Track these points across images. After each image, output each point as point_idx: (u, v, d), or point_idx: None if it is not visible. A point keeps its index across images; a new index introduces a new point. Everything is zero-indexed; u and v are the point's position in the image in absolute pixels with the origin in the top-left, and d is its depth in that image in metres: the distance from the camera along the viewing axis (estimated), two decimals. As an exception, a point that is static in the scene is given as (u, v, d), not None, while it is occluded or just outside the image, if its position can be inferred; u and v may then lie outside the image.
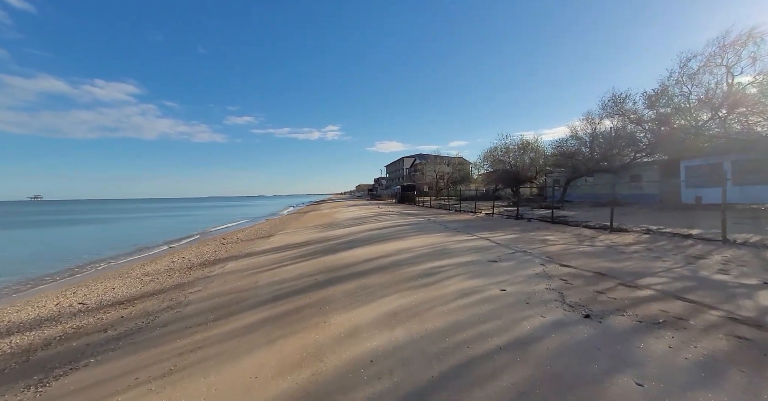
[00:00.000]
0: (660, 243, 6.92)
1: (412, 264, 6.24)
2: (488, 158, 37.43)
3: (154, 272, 8.12)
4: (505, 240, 8.52)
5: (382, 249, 8.05)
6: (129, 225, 28.16)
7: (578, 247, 7.12)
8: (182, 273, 7.73)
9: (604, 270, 4.91)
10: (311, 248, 9.22)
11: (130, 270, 8.69)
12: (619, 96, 19.98)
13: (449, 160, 52.50)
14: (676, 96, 18.21)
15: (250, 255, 9.19)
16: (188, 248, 12.59)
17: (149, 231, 22.61)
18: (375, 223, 15.14)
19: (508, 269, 5.36)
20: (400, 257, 6.98)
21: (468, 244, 8.08)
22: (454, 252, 7.18)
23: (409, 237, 10.03)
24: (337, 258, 7.52)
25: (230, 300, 4.98)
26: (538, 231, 9.91)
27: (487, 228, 11.24)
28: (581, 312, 3.22)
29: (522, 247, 7.34)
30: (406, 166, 77.84)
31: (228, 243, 12.88)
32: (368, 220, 17.12)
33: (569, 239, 8.26)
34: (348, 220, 17.77)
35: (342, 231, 12.91)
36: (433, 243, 8.45)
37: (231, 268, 7.57)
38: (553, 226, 10.89)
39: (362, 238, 10.35)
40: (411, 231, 11.37)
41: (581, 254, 6.37)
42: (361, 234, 11.27)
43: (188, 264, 8.75)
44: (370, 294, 4.54)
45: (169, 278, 7.30)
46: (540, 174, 22.66)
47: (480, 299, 3.93)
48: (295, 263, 7.38)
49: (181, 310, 4.73)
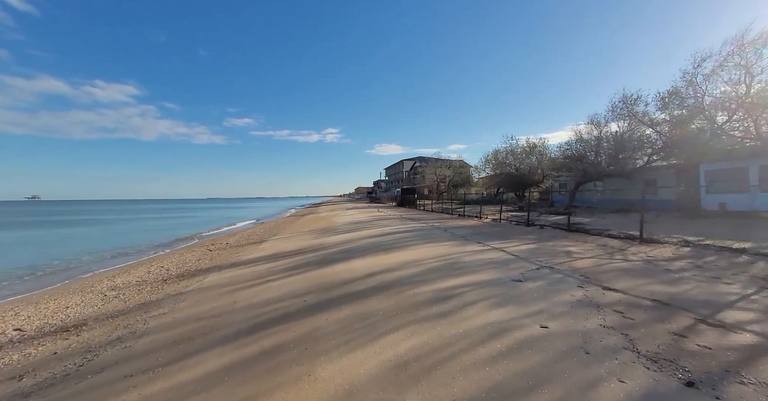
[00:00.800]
0: (708, 258, 5.96)
1: (420, 282, 5.25)
2: (491, 161, 36.59)
3: (123, 285, 7.11)
4: (523, 251, 7.55)
5: (384, 262, 7.07)
6: (119, 228, 27.09)
7: (611, 262, 6.15)
8: (154, 287, 6.73)
9: (664, 298, 3.94)
10: (303, 258, 8.23)
11: (97, 282, 7.67)
12: (630, 97, 19.15)
13: (450, 163, 51.64)
14: (690, 97, 17.41)
15: (236, 265, 8.20)
16: (172, 255, 11.57)
17: (139, 234, 21.56)
18: (375, 229, 14.16)
19: (539, 292, 4.38)
20: (406, 272, 5.99)
21: (482, 256, 7.09)
22: (469, 266, 6.20)
23: (413, 246, 9.04)
24: (331, 272, 6.52)
25: (196, 331, 3.98)
26: (557, 241, 8.94)
27: (498, 237, 10.26)
28: (677, 376, 2.24)
29: (545, 261, 6.36)
30: (406, 168, 77.03)
31: (215, 249, 11.87)
32: (367, 225, 16.13)
33: (596, 251, 7.29)
34: (346, 225, 16.78)
35: (339, 237, 11.92)
36: (442, 255, 7.47)
37: (210, 282, 6.57)
38: (570, 235, 9.92)
39: (361, 247, 9.36)
40: (415, 239, 10.38)
41: (620, 272, 5.40)
42: (360, 242, 10.28)
43: (164, 276, 7.75)
44: (371, 328, 3.54)
45: (137, 294, 6.29)
46: (547, 178, 21.76)
47: (518, 342, 2.95)
48: (283, 277, 6.38)
49: (132, 345, 3.73)
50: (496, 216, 17.84)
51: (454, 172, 49.31)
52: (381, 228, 14.51)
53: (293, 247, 10.27)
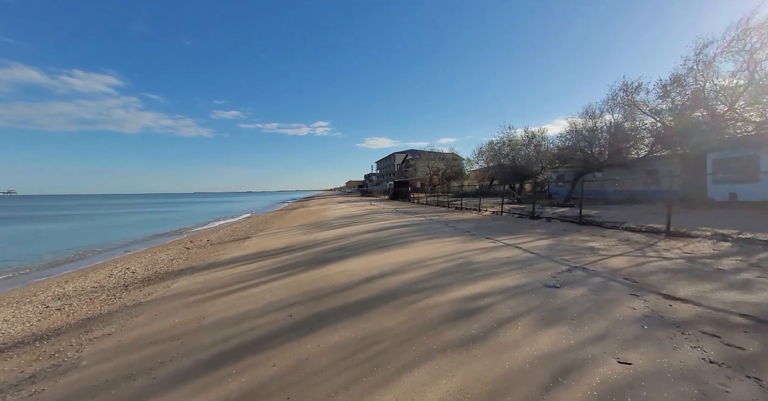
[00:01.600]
0: (761, 255, 5.21)
1: (432, 289, 4.32)
2: (485, 153, 35.85)
3: (73, 293, 5.96)
4: (541, 248, 6.70)
5: (385, 262, 6.11)
6: (95, 223, 25.33)
7: (648, 261, 5.34)
8: (110, 295, 5.61)
9: (753, 311, 3.10)
10: (292, 257, 7.20)
11: (44, 289, 6.48)
12: (631, 85, 18.50)
13: (442, 156, 50.85)
14: (690, 85, 16.87)
15: (213, 266, 7.12)
16: (143, 254, 10.36)
17: (114, 230, 20.02)
18: (370, 223, 13.17)
19: (588, 304, 3.50)
20: (412, 276, 5.04)
21: (497, 255, 6.20)
22: (485, 267, 5.29)
23: (415, 242, 8.10)
24: (323, 274, 5.53)
25: (142, 362, 2.96)
26: (572, 236, 8.14)
27: (505, 231, 9.41)
28: None
29: (572, 260, 5.52)
30: (398, 161, 75.98)
31: (194, 247, 10.70)
32: (361, 219, 15.13)
33: (622, 247, 6.49)
34: (338, 219, 15.74)
35: (331, 233, 10.89)
36: (450, 253, 6.55)
37: (179, 288, 5.50)
38: (584, 229, 9.15)
39: (357, 244, 8.37)
40: (416, 234, 9.44)
41: (667, 273, 4.57)
42: (356, 238, 9.29)
43: (127, 280, 6.62)
44: (378, 362, 2.59)
45: (87, 305, 5.18)
46: (546, 169, 21.09)
47: (600, 391, 2.03)
48: (267, 282, 5.37)
49: (45, 389, 2.69)
50: (496, 208, 17.08)
51: (447, 164, 48.59)
52: (376, 222, 13.54)
53: (281, 245, 9.22)
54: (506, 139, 22.15)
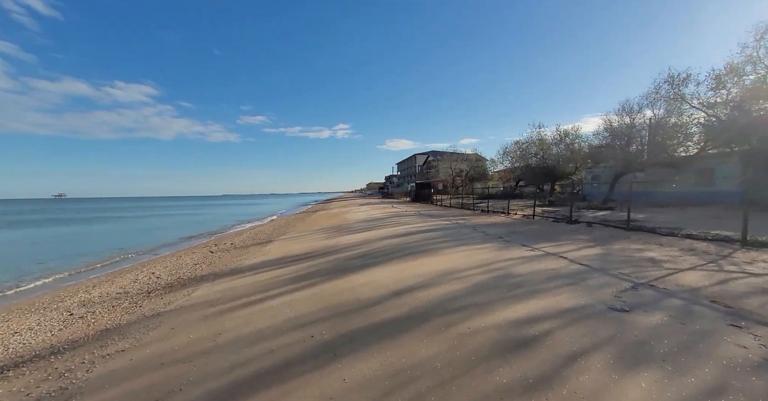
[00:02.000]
0: None
1: (472, 309, 3.76)
2: (511, 153, 34.39)
3: (98, 299, 5.91)
4: (590, 258, 5.92)
5: (414, 272, 5.60)
6: (129, 226, 26.64)
7: (733, 278, 4.47)
8: (132, 303, 5.49)
9: None
10: (313, 264, 6.86)
11: (72, 294, 6.52)
12: (678, 77, 16.87)
13: (465, 157, 49.53)
14: (747, 75, 15.12)
15: (235, 272, 6.92)
16: (169, 257, 10.46)
17: (146, 232, 20.86)
18: (393, 227, 12.69)
19: (676, 338, 2.81)
20: (446, 290, 4.50)
21: (539, 266, 5.51)
22: (530, 281, 4.65)
23: (444, 249, 7.52)
24: (347, 285, 5.11)
25: (149, 391, 2.63)
26: (623, 243, 7.24)
27: (543, 237, 8.61)
28: None
29: (634, 275, 4.74)
30: (419, 163, 75.14)
31: (218, 251, 10.70)
32: (384, 223, 14.68)
33: (690, 259, 5.59)
34: (360, 223, 15.38)
35: (353, 237, 10.51)
36: (485, 262, 5.93)
37: (198, 297, 5.28)
38: (633, 235, 8.17)
39: (381, 250, 7.91)
40: (444, 240, 8.85)
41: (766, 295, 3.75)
42: (379, 244, 8.84)
43: (151, 286, 6.53)
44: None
45: (109, 313, 5.06)
46: (581, 168, 19.65)
47: None
48: (287, 292, 5.02)
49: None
50: (526, 211, 16.06)
51: (470, 165, 47.29)
52: (400, 226, 13.04)
53: (302, 249, 8.94)
54: (535, 138, 20.93)
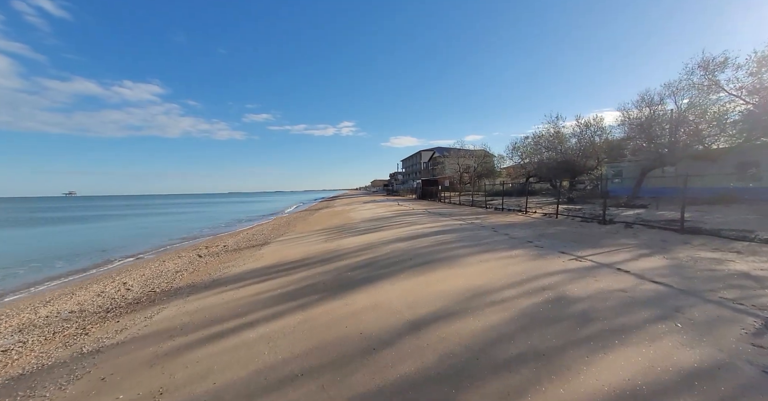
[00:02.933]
0: None
1: (537, 365, 2.53)
2: (521, 148, 32.90)
3: (42, 321, 4.80)
4: (659, 273, 4.65)
5: (432, 290, 4.39)
6: (130, 223, 25.83)
7: None
8: (80, 327, 4.38)
9: None
10: (308, 276, 5.69)
11: (17, 311, 5.42)
12: (714, 61, 15.32)
13: (472, 153, 48.06)
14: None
15: (216, 284, 5.79)
16: (151, 262, 9.39)
17: (143, 231, 19.95)
18: (401, 228, 11.48)
19: None
20: (485, 323, 3.28)
21: (599, 284, 4.25)
22: (599, 312, 3.40)
23: (465, 257, 6.28)
24: (347, 309, 3.92)
25: None
26: (686, 250, 5.94)
27: (580, 242, 7.32)
28: None
29: (746, 302, 3.47)
30: (424, 159, 73.75)
31: (207, 255, 9.61)
32: (390, 223, 13.48)
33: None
34: (365, 222, 14.20)
35: (357, 240, 9.32)
36: (524, 277, 4.70)
37: (161, 321, 4.15)
38: (693, 239, 6.86)
39: (389, 257, 6.71)
40: (463, 245, 7.60)
41: None
42: (386, 249, 7.64)
43: (113, 303, 5.43)
44: None
45: (42, 344, 3.94)
46: (602, 163, 18.19)
47: None
48: (270, 320, 3.85)
49: None
50: (546, 209, 14.73)
51: (478, 161, 45.84)
52: (409, 226, 11.82)
53: (298, 255, 7.79)
54: (553, 131, 19.43)
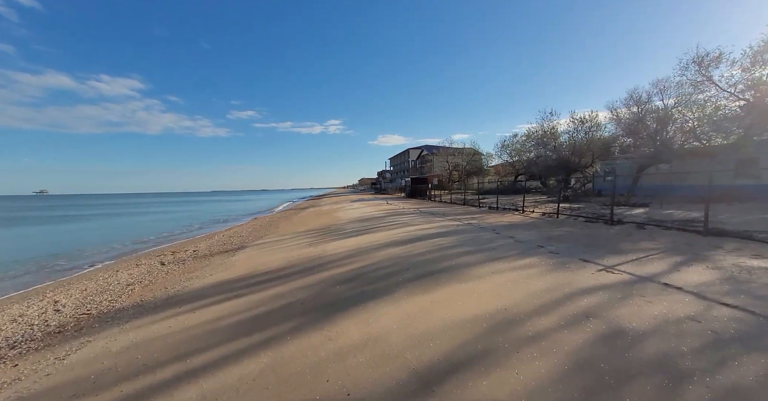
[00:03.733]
0: None
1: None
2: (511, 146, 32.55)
3: None
4: (720, 290, 3.81)
5: (441, 316, 3.41)
6: (97, 224, 23.80)
7: None
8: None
9: None
10: (285, 292, 4.61)
11: None
12: (707, 56, 15.01)
13: (461, 151, 47.70)
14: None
15: (170, 304, 4.64)
16: (102, 272, 8.03)
17: (105, 234, 18.20)
18: (394, 230, 10.49)
19: None
20: (525, 377, 2.32)
21: (656, 309, 3.35)
22: (685, 358, 2.51)
23: (473, 267, 5.33)
24: (330, 349, 2.88)
25: None
26: (727, 257, 5.19)
27: (596, 246, 6.51)
28: None
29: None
30: (412, 158, 73.16)
31: (171, 262, 8.35)
32: (381, 223, 12.48)
33: None
34: (353, 223, 13.14)
35: (344, 244, 8.27)
36: (552, 297, 3.78)
37: (75, 365, 3.01)
38: (725, 243, 6.14)
39: (382, 267, 5.70)
40: (467, 251, 6.66)
41: None
42: (378, 255, 6.62)
43: (30, 331, 4.20)
44: None
45: None
46: (597, 160, 17.72)
47: None
48: (223, 365, 2.76)
49: None
50: (543, 208, 14.06)
51: (467, 159, 45.52)
52: (401, 227, 10.83)
53: (277, 262, 6.67)
54: (547, 127, 18.86)
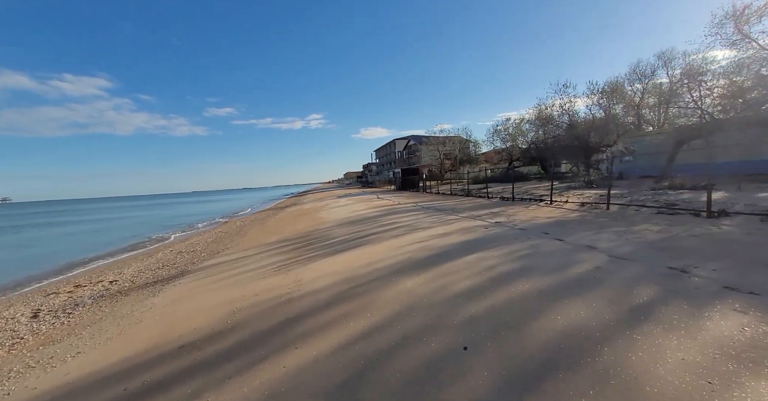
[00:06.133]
0: None
1: None
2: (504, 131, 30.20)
3: None
4: None
5: None
6: (8, 239, 19.79)
7: None
8: None
9: None
10: None
11: None
12: (750, 8, 12.71)
13: (452, 139, 45.32)
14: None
15: None
16: None
17: (16, 252, 14.51)
18: (398, 236, 7.59)
19: None
20: None
21: None
22: None
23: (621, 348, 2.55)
24: None
25: None
26: None
27: (737, 260, 3.87)
28: None
29: None
30: (399, 148, 70.34)
31: (47, 314, 5.20)
32: (378, 226, 9.56)
33: None
34: (341, 227, 10.16)
35: (330, 266, 5.30)
36: None
37: None
38: None
39: (409, 337, 2.81)
40: (548, 286, 3.85)
41: None
42: (389, 297, 3.70)
43: None
44: None
45: None
46: (622, 137, 15.23)
47: None
48: None
49: None
50: (571, 197, 11.55)
51: (459, 147, 43.21)
52: (408, 233, 7.93)
53: (211, 318, 3.65)
54: (563, 102, 16.18)
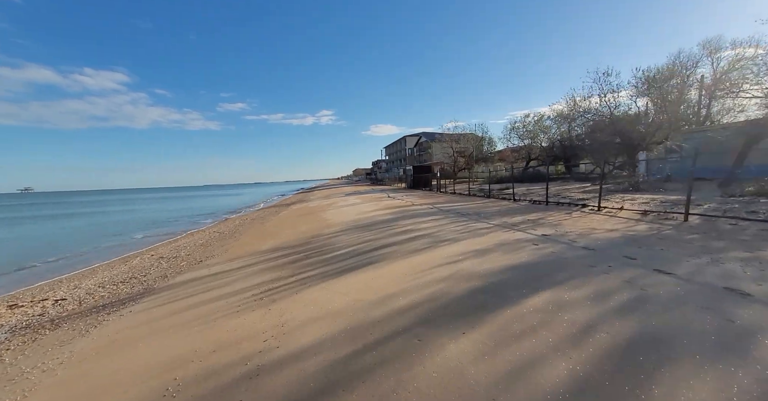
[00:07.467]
0: None
1: None
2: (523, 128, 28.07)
3: None
4: None
5: None
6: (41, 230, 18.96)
7: None
8: None
9: None
10: None
11: None
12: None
13: (466, 136, 43.19)
14: None
15: None
16: None
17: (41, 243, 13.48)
18: (420, 252, 5.92)
19: None
20: None
21: None
22: None
23: None
24: None
25: None
26: None
27: None
28: None
29: None
30: (409, 145, 68.40)
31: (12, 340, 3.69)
32: (393, 234, 7.90)
33: None
34: (348, 233, 8.53)
35: (331, 303, 3.68)
36: None
37: None
38: None
39: None
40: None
41: None
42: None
43: None
44: None
45: None
46: (675, 133, 13.05)
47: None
48: None
49: None
50: (624, 204, 9.62)
51: (475, 144, 41.10)
52: (433, 248, 6.23)
53: (147, 386, 2.09)
54: (603, 91, 13.99)
